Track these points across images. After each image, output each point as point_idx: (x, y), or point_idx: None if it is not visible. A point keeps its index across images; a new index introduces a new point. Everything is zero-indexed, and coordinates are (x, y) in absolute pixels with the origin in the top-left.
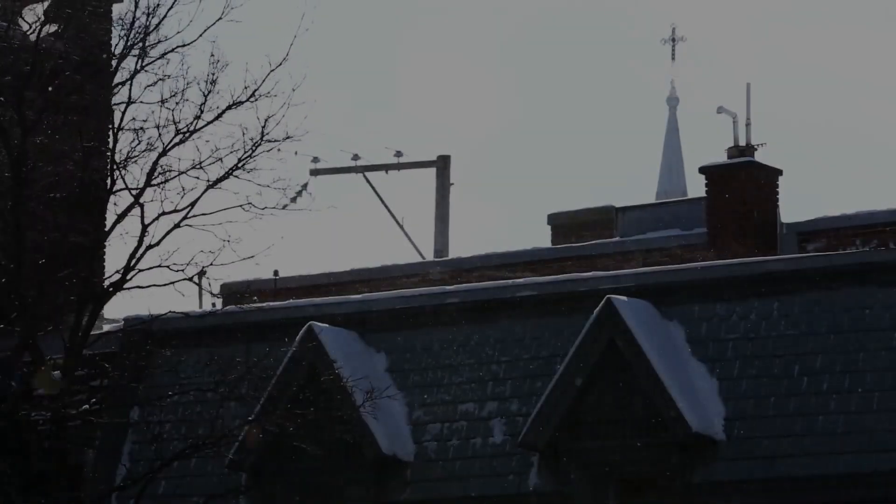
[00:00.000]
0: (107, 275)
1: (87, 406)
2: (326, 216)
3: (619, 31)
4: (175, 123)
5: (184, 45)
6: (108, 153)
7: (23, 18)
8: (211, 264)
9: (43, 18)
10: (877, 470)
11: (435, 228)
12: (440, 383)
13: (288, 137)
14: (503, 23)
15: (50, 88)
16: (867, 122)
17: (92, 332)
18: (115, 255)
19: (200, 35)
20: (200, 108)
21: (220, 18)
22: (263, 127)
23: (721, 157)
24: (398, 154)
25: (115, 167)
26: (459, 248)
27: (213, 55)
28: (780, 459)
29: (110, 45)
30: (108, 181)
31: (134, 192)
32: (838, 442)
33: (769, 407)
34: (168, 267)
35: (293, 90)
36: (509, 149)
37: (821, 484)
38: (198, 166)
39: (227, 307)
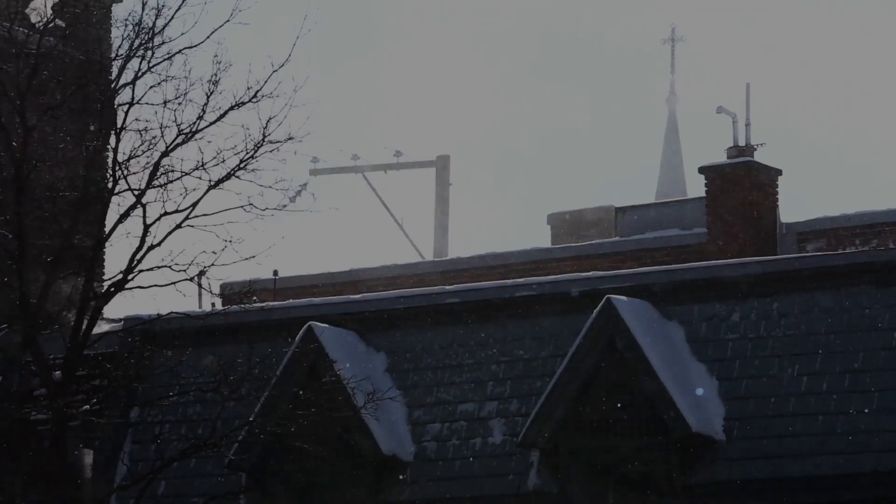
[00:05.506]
0: (108, 275)
1: (87, 406)
2: (326, 216)
3: (618, 31)
4: (178, 124)
5: (190, 47)
6: (111, 154)
7: (25, 18)
8: (212, 265)
9: (45, 19)
10: (877, 470)
11: (434, 228)
12: (440, 383)
13: (290, 138)
14: (503, 23)
15: (51, 88)
16: (867, 122)
17: (92, 332)
18: (116, 256)
19: (207, 37)
20: (203, 109)
21: (228, 21)
22: (265, 128)
23: (721, 158)
24: (397, 154)
25: (117, 168)
26: (459, 248)
27: (216, 56)
28: (780, 459)
29: (111, 46)
30: (111, 182)
31: (136, 193)
32: (838, 442)
33: (769, 407)
34: (169, 267)
35: (295, 91)
36: (509, 149)
37: (821, 484)
38: (200, 167)
39: (228, 307)
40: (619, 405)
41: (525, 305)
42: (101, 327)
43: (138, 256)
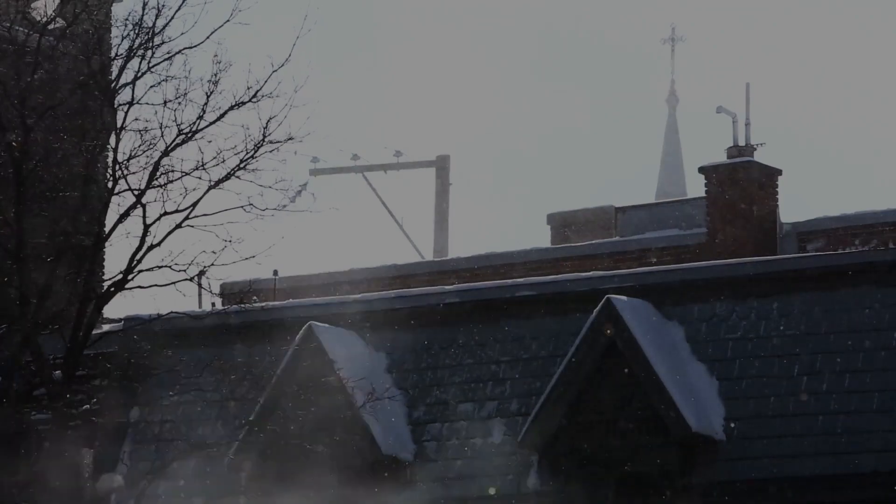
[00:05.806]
0: (108, 275)
1: (87, 406)
2: (326, 216)
3: (618, 31)
4: (178, 124)
5: (190, 47)
6: (111, 154)
7: (25, 18)
8: (212, 265)
9: (45, 19)
10: (877, 470)
11: (434, 228)
12: (440, 383)
13: (290, 138)
14: (503, 23)
15: (51, 88)
16: (867, 122)
17: (92, 332)
18: (116, 256)
19: (207, 37)
20: (203, 109)
21: (228, 21)
22: (265, 128)
23: (721, 158)
24: (397, 154)
25: (117, 168)
26: (459, 248)
27: (216, 56)
28: (780, 459)
29: (111, 46)
30: (111, 182)
31: (136, 193)
32: (838, 442)
33: (769, 407)
34: (170, 267)
35: (295, 91)
36: (509, 149)
37: (821, 484)
38: (200, 167)
39: (228, 307)
40: (618, 405)
41: (525, 305)
42: (101, 327)
43: (138, 256)
